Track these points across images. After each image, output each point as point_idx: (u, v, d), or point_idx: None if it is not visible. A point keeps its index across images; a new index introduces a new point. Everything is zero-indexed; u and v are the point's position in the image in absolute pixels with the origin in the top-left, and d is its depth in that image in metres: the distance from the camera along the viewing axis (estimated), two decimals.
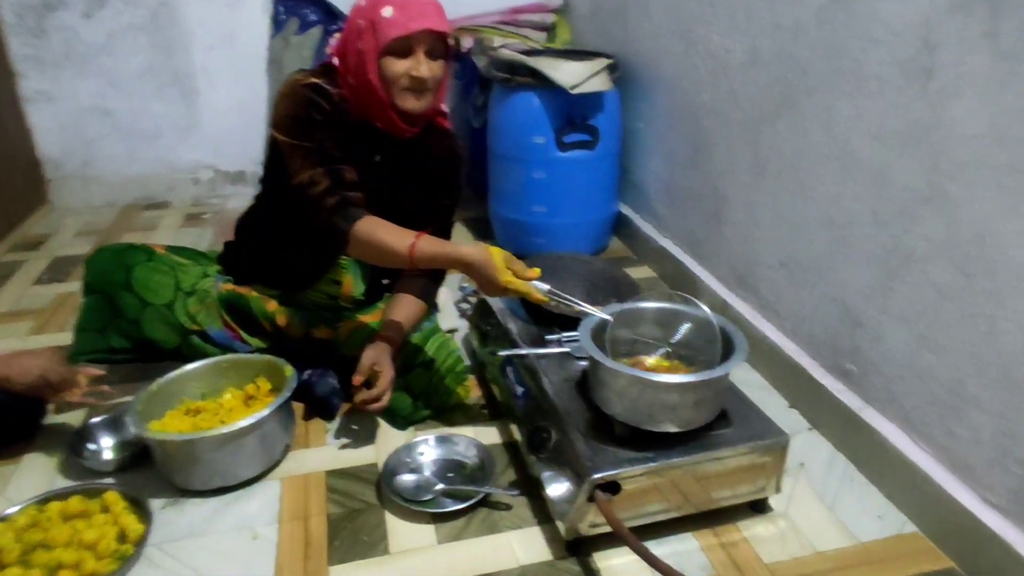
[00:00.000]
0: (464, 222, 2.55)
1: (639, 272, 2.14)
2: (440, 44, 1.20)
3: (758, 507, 1.17)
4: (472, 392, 1.49)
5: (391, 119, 1.23)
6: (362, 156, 1.28)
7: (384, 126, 1.25)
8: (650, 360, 1.19)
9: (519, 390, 1.30)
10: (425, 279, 1.43)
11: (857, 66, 1.21)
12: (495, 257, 1.11)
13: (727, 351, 1.09)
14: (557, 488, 1.09)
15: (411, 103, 1.21)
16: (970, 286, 1.02)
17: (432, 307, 1.50)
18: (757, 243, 1.57)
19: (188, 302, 1.41)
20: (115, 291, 1.36)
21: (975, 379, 1.03)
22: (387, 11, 1.16)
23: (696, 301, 1.14)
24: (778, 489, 1.14)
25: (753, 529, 1.14)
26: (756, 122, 1.54)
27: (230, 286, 1.44)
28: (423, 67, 1.18)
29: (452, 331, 1.75)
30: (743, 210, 1.63)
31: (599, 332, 1.17)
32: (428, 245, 1.15)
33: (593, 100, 2.01)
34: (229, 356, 1.38)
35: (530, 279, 1.12)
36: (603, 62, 2.00)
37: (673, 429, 1.05)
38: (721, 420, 1.11)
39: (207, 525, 1.16)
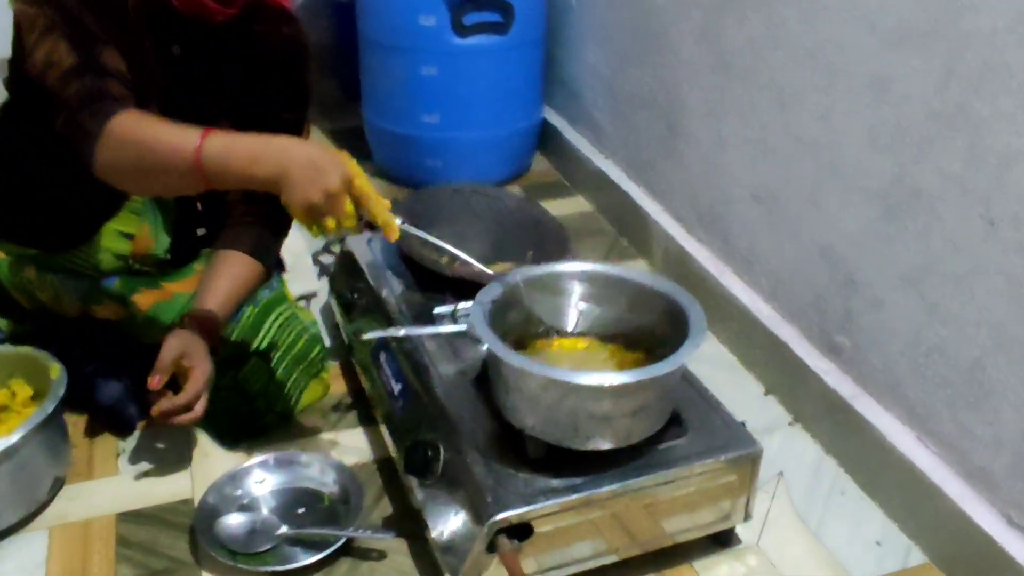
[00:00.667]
0: (330, 135, 2.44)
1: (571, 205, 2.10)
2: None
3: (722, 539, 1.16)
4: (333, 386, 1.42)
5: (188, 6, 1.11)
6: (153, 47, 1.16)
7: (182, 4, 1.12)
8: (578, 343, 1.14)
9: (396, 386, 1.24)
10: (260, 228, 1.33)
11: None
12: (342, 155, 1.01)
13: (679, 330, 1.05)
14: (446, 529, 1.04)
15: None
16: (995, 236, 1.01)
17: (272, 267, 1.40)
18: (724, 168, 1.55)
19: None
20: None
21: (997, 359, 1.03)
22: None
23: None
24: (747, 516, 1.13)
25: (714, 570, 1.13)
26: (719, 5, 1.50)
27: None
28: None
29: (307, 297, 1.67)
30: (705, 122, 1.59)
31: (502, 308, 1.10)
32: (225, 139, 0.99)
33: None
34: None
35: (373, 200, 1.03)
36: None
37: (606, 446, 1.02)
38: (672, 426, 1.08)
39: None
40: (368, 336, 1.22)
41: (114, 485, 1.24)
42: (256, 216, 1.33)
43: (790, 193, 1.38)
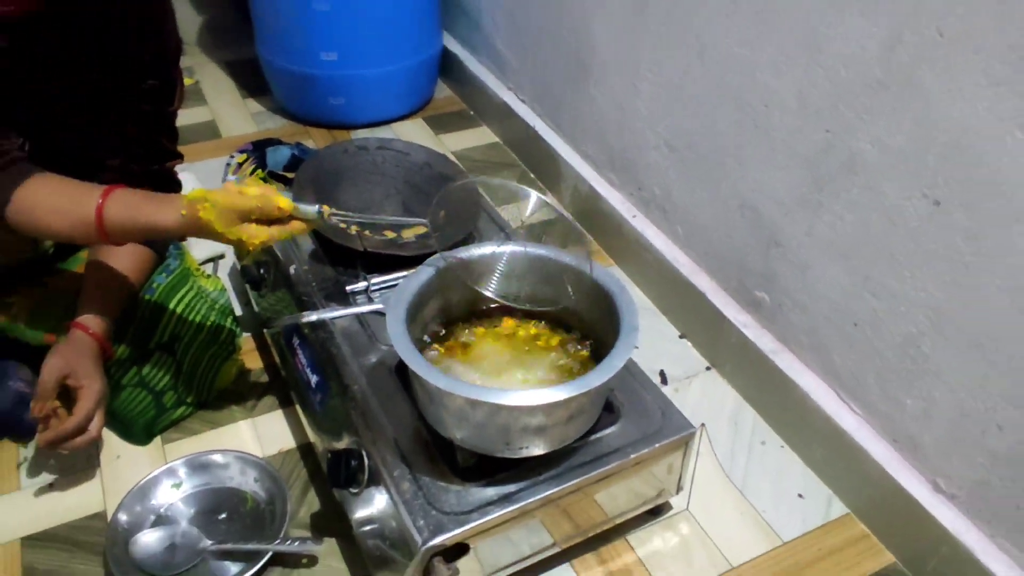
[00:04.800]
0: (227, 68, 2.11)
1: (476, 136, 1.87)
2: None
3: (655, 511, 1.03)
4: (248, 361, 1.22)
5: None
6: None
7: None
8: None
9: (312, 378, 1.04)
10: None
11: None
12: (210, 219, 0.82)
13: (610, 317, 0.89)
14: (379, 545, 0.88)
15: None
16: (939, 217, 0.85)
17: (166, 246, 1.16)
18: (637, 112, 1.35)
19: None
20: None
21: (932, 340, 0.90)
22: None
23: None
24: (680, 489, 1.00)
25: (650, 543, 1.01)
26: None
27: None
28: None
29: (213, 260, 1.43)
30: (617, 63, 1.37)
31: (422, 299, 0.92)
32: (119, 212, 0.85)
33: None
34: None
35: (283, 213, 0.84)
36: None
37: (540, 452, 0.86)
38: (604, 413, 0.93)
39: None
40: (277, 325, 1.03)
41: (16, 503, 1.02)
42: (141, 183, 1.06)
43: (709, 145, 1.19)
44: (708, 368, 1.26)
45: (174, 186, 1.11)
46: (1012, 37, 0.74)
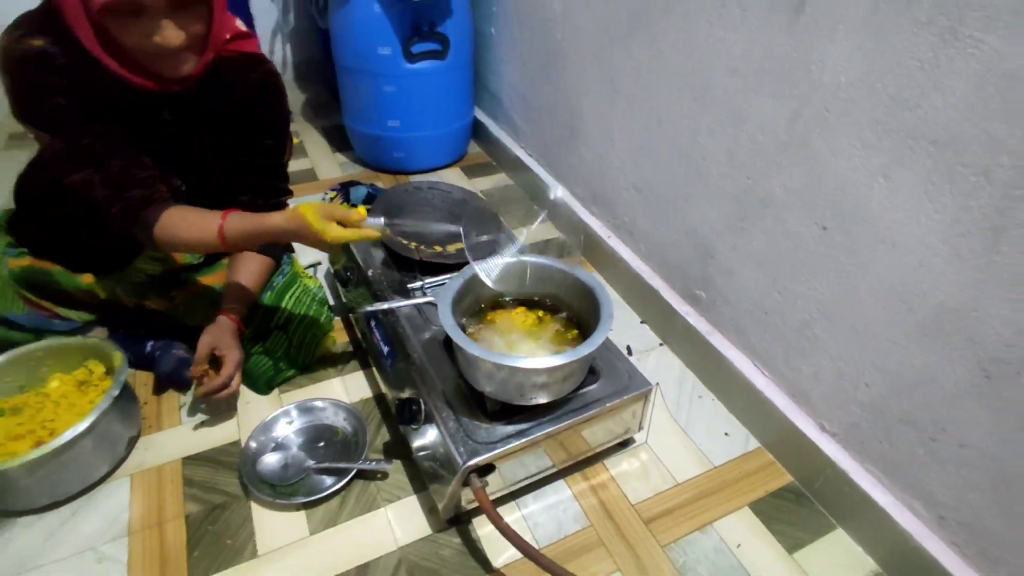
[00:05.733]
0: (322, 131, 2.11)
1: (497, 180, 1.86)
2: None
3: (623, 443, 1.03)
4: (338, 338, 1.22)
5: (151, 86, 0.82)
6: (144, 121, 0.88)
7: (135, 82, 0.83)
8: (514, 312, 0.97)
9: (385, 348, 1.04)
10: None
11: None
12: (308, 218, 0.80)
13: (593, 306, 0.89)
14: (431, 465, 0.89)
15: (171, 69, 0.80)
16: (826, 239, 0.85)
17: (280, 257, 1.16)
18: (612, 164, 1.34)
19: None
20: None
21: (821, 324, 0.90)
22: None
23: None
24: (641, 427, 1.01)
25: (619, 466, 1.01)
26: (609, 40, 1.24)
27: (27, 260, 1.02)
28: (168, 32, 0.75)
29: (313, 266, 1.42)
30: (598, 129, 1.37)
31: (462, 293, 0.92)
32: (237, 224, 0.84)
33: (440, 5, 1.60)
34: (44, 343, 1.01)
35: (357, 222, 0.82)
36: None
37: (544, 401, 0.87)
38: (589, 375, 0.93)
39: (39, 554, 0.86)
40: (359, 312, 1.03)
41: (178, 434, 1.04)
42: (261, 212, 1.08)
43: (663, 188, 1.18)
44: (661, 344, 1.25)
45: None
46: (877, 114, 0.74)
